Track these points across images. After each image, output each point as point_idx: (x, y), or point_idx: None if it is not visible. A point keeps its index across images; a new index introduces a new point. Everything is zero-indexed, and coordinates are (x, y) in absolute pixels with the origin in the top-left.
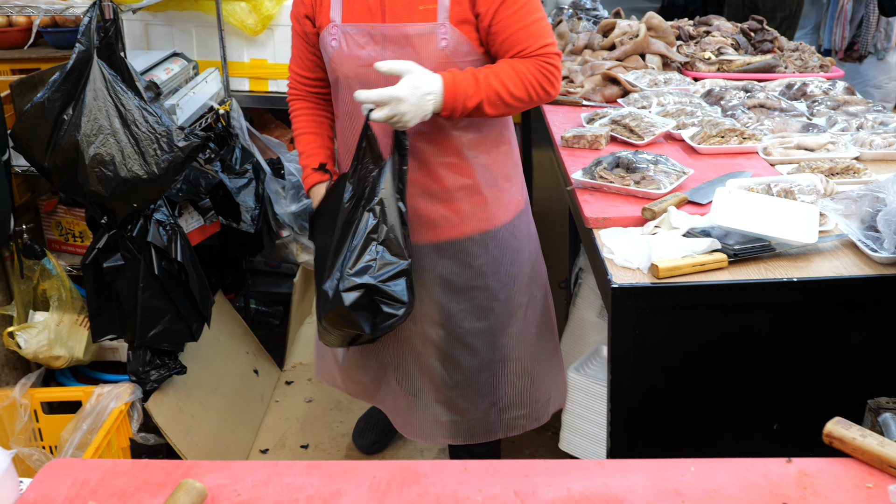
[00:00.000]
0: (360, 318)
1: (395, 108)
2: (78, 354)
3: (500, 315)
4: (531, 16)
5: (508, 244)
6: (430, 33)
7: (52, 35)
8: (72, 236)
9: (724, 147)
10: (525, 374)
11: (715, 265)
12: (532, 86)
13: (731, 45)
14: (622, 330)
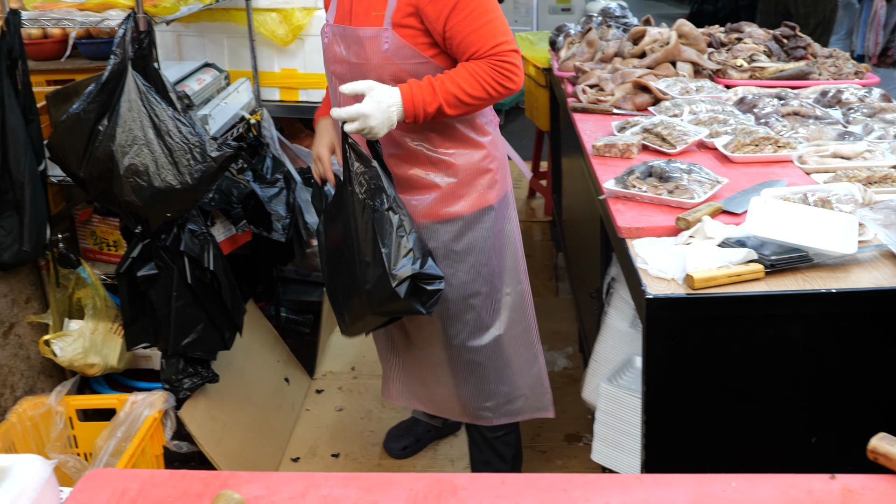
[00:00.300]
0: (414, 303)
1: (363, 122)
2: (112, 362)
3: (452, 300)
4: (481, 18)
5: (462, 235)
6: (376, 37)
7: (87, 46)
8: (106, 245)
9: (758, 156)
10: (479, 366)
11: (751, 276)
12: (488, 84)
13: (764, 52)
14: (657, 341)
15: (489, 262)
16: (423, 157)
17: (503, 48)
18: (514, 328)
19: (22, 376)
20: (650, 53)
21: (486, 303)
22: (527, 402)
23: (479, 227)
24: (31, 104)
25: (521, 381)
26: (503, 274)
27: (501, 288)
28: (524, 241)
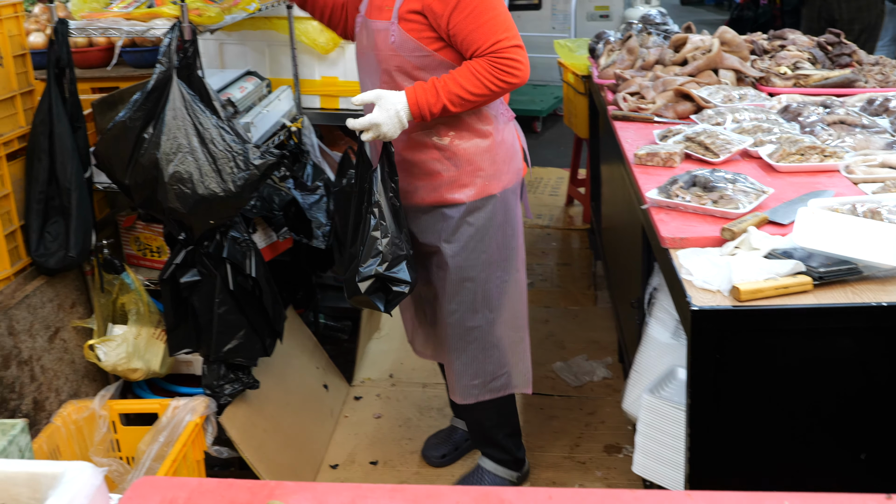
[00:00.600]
0: (375, 300)
1: (376, 130)
2: (154, 367)
3: (449, 281)
4: (483, 16)
5: (464, 220)
6: (385, 29)
7: (131, 54)
8: (149, 251)
9: (804, 165)
10: (470, 346)
11: (799, 288)
12: (490, 81)
13: (808, 60)
14: (702, 354)
15: (488, 250)
16: (430, 144)
17: (503, 45)
18: (506, 313)
19: (67, 380)
20: (692, 61)
21: (481, 287)
22: (509, 378)
23: (480, 214)
24: (78, 112)
25: (505, 360)
26: (503, 262)
27: (500, 275)
28: (562, 249)
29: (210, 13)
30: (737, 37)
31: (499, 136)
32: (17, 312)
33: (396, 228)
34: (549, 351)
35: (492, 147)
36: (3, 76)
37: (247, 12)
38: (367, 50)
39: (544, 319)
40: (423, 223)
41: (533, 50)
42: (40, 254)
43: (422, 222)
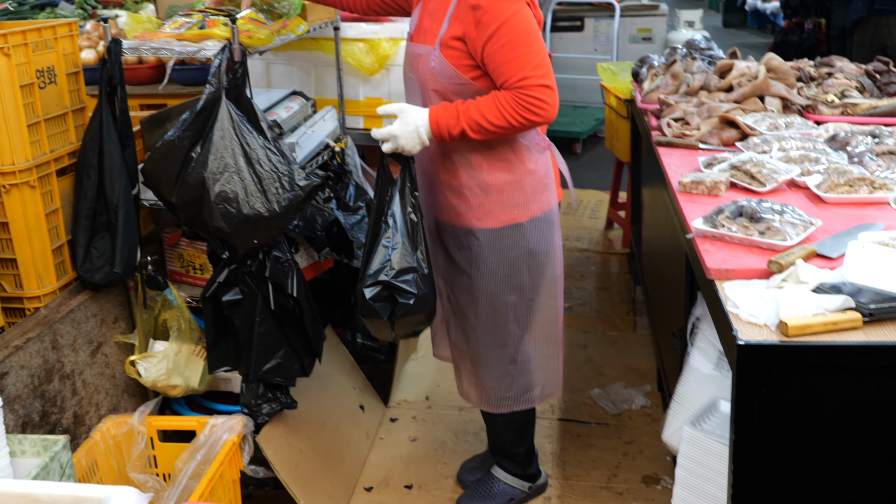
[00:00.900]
0: (379, 309)
1: (395, 141)
2: (193, 384)
3: (481, 304)
4: (515, 50)
5: (494, 247)
6: (427, 54)
7: (179, 72)
8: (192, 268)
9: (852, 197)
10: (502, 364)
11: (849, 325)
12: (510, 115)
13: (856, 88)
14: (748, 389)
15: (519, 276)
16: (462, 169)
17: (530, 82)
18: (541, 332)
19: (107, 395)
20: (737, 87)
21: (514, 310)
22: (542, 390)
23: (506, 241)
24: (128, 130)
25: (538, 374)
26: (538, 288)
27: (534, 300)
28: (601, 273)
29: (260, 35)
30: (783, 64)
31: (530, 166)
32: (61, 327)
33: (410, 243)
34: (587, 377)
35: (521, 178)
36: (56, 93)
37: (296, 34)
38: (409, 72)
39: (582, 345)
40: (456, 242)
41: (574, 71)
42: (86, 269)
43: (455, 241)
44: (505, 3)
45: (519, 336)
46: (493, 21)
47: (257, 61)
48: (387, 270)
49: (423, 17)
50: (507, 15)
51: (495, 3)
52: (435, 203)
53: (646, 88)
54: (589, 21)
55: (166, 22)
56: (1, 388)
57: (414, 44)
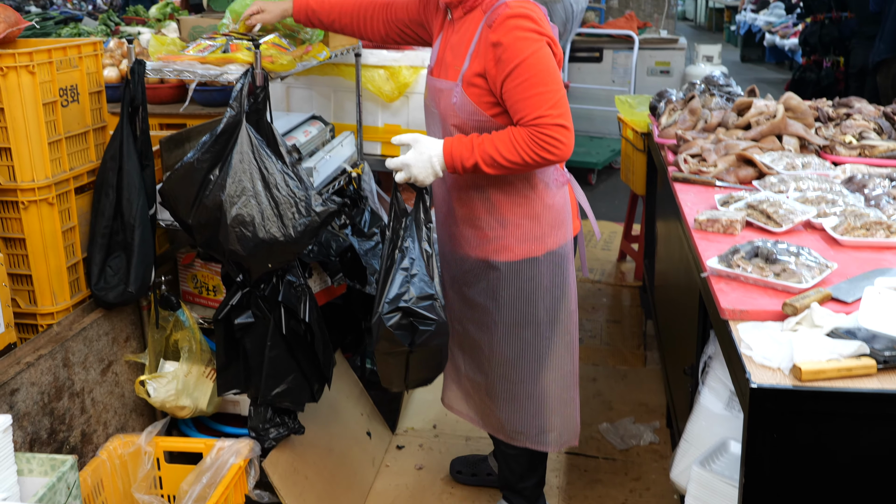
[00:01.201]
0: (401, 336)
1: (408, 171)
2: (202, 406)
3: (498, 338)
4: (533, 88)
5: (510, 280)
6: (449, 90)
7: (200, 93)
8: (206, 290)
9: (869, 241)
10: (518, 398)
11: (863, 371)
12: (524, 151)
13: (874, 130)
14: (759, 433)
15: (535, 311)
16: (479, 203)
17: (547, 120)
18: (556, 372)
19: (115, 413)
20: (755, 126)
21: (529, 345)
22: (558, 436)
23: (523, 275)
24: (148, 150)
25: (554, 418)
26: (553, 324)
27: (549, 335)
28: (613, 306)
29: (283, 60)
30: (802, 103)
31: (548, 201)
32: (73, 344)
33: (426, 271)
34: (595, 410)
35: (539, 212)
36: (78, 112)
37: (318, 60)
38: (430, 106)
39: (592, 377)
40: (472, 276)
41: (591, 102)
42: (100, 287)
43: (470, 274)
44: (525, 41)
45: (534, 372)
46: (513, 58)
47: (277, 85)
48: (406, 297)
49: (444, 50)
50: (527, 53)
51: (516, 41)
52: (451, 235)
53: (663, 123)
54: (607, 53)
55: (190, 44)
56: (11, 405)
57: (436, 78)
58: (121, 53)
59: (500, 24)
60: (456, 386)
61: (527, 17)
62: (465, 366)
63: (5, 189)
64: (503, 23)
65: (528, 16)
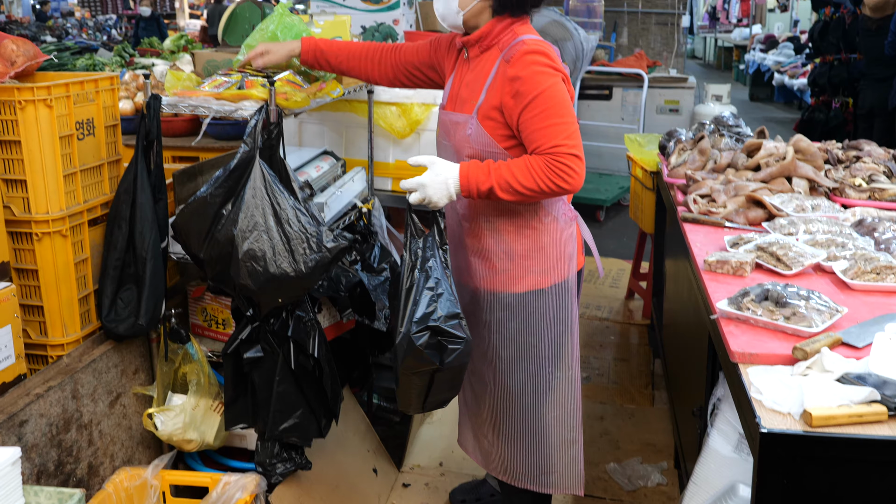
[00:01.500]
0: (430, 355)
1: (422, 192)
2: (209, 439)
3: (501, 370)
4: (549, 119)
5: (516, 312)
6: (465, 122)
7: (213, 127)
8: (215, 323)
9: (879, 285)
10: (520, 435)
11: (874, 418)
12: (540, 179)
13: (884, 173)
14: (769, 478)
15: (539, 344)
16: (489, 236)
17: (562, 150)
18: (557, 409)
19: (122, 446)
20: (765, 167)
21: (531, 380)
22: (559, 478)
23: (529, 308)
24: (162, 184)
25: (556, 459)
26: (555, 359)
27: (552, 371)
28: (620, 344)
29: (297, 98)
30: (811, 145)
31: (556, 235)
32: (82, 376)
33: (450, 289)
34: (602, 450)
35: (546, 246)
36: (93, 145)
37: (331, 97)
38: (443, 139)
39: (599, 416)
40: (478, 307)
41: (601, 139)
42: (111, 319)
43: (476, 305)
44: (543, 75)
45: (536, 407)
46: (531, 91)
47: (290, 120)
48: (434, 316)
49: (458, 87)
50: (545, 86)
51: (534, 75)
52: (458, 267)
53: (673, 162)
54: (617, 90)
55: (206, 80)
56: (19, 437)
57: (449, 112)
58: (136, 86)
59: (518, 60)
60: (466, 425)
61: (543, 54)
62: (469, 401)
63: (20, 220)
64: (521, 58)
65: (545, 52)
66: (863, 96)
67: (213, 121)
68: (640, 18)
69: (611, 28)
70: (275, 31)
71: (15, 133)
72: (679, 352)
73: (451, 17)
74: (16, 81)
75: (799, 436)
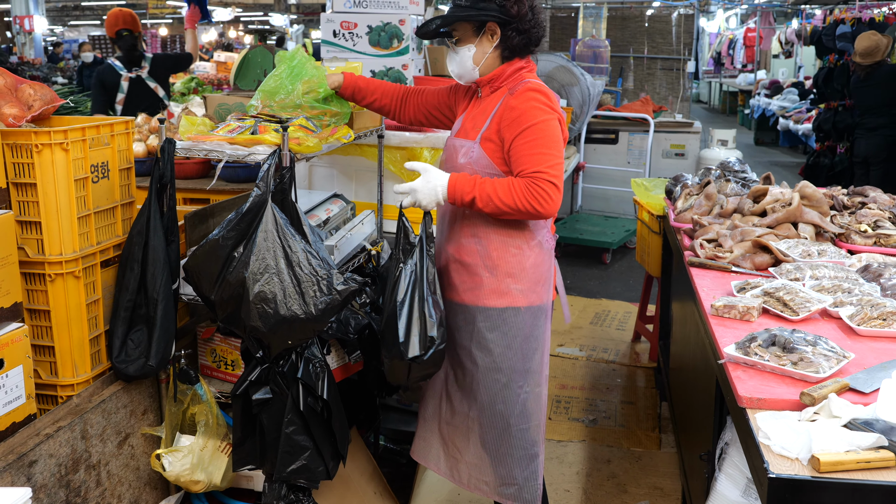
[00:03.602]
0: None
1: (413, 196)
2: (216, 481)
3: (476, 379)
4: (537, 148)
5: (494, 324)
6: (468, 147)
7: (225, 169)
8: (224, 364)
9: (886, 331)
10: (486, 444)
11: (881, 464)
12: (518, 198)
13: (889, 219)
14: None
15: (513, 357)
16: (475, 252)
17: (543, 176)
18: (522, 422)
19: (129, 487)
20: (771, 212)
21: (503, 391)
22: (519, 491)
23: (507, 322)
24: (174, 226)
25: (517, 472)
26: (526, 374)
27: (521, 385)
28: (627, 386)
29: (309, 143)
30: (817, 191)
31: (537, 259)
32: (92, 417)
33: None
34: (610, 494)
35: (527, 267)
36: (107, 188)
37: (342, 142)
38: (448, 162)
39: (606, 459)
40: (459, 320)
41: (607, 182)
42: (121, 360)
43: (458, 319)
44: (539, 110)
45: (502, 420)
46: (526, 121)
47: (300, 163)
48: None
49: (466, 121)
50: (540, 119)
51: (531, 108)
52: (444, 278)
53: (679, 207)
54: (623, 135)
55: (219, 125)
56: (28, 477)
57: (455, 139)
58: (148, 129)
59: (520, 94)
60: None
61: (544, 94)
62: (444, 410)
63: (33, 262)
64: (524, 93)
65: (546, 93)
66: (857, 145)
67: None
68: (646, 64)
69: (617, 73)
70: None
71: (31, 176)
72: (686, 395)
73: (468, 74)
74: (32, 125)
75: (807, 481)
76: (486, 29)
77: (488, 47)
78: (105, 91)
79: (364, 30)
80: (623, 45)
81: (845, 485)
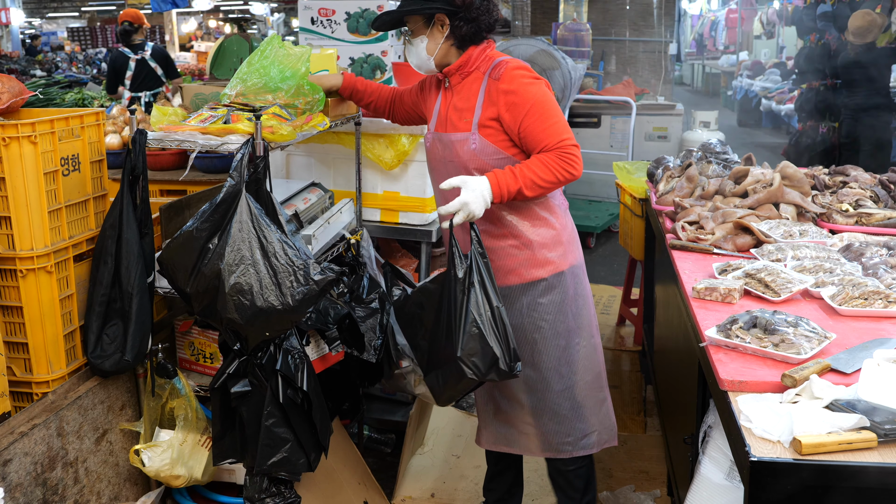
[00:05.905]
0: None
1: (466, 209)
2: (197, 475)
3: (537, 351)
4: (549, 120)
5: (541, 294)
6: (466, 139)
7: (200, 160)
8: (203, 357)
9: (867, 311)
10: (560, 408)
11: (863, 444)
12: (557, 171)
13: (870, 198)
14: None
15: (566, 321)
16: (508, 233)
17: (567, 143)
18: (587, 375)
19: (109, 483)
20: (752, 193)
21: (564, 354)
22: (598, 436)
23: (556, 288)
24: (148, 219)
25: (593, 419)
26: (579, 330)
27: (577, 341)
28: (612, 370)
29: (283, 131)
30: (798, 171)
31: (563, 222)
32: (67, 413)
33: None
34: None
35: (559, 232)
36: (78, 181)
37: (318, 130)
38: (444, 159)
39: None
40: (507, 300)
41: (590, 167)
42: (97, 355)
43: (506, 299)
44: (531, 86)
45: (570, 379)
46: (526, 102)
47: (277, 152)
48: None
49: (447, 110)
50: (537, 95)
51: (524, 87)
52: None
53: (661, 190)
54: (606, 118)
55: (192, 114)
56: (3, 476)
57: (444, 133)
58: (123, 120)
59: (507, 75)
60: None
61: (525, 69)
62: (501, 399)
63: (4, 257)
64: (510, 73)
65: (525, 67)
66: (845, 125)
67: (200, 154)
68: (628, 46)
69: (599, 56)
70: (268, 66)
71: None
72: (670, 379)
73: (425, 64)
74: (0, 118)
75: (789, 463)
76: (435, 20)
77: (440, 38)
78: (116, 72)
79: (342, 16)
80: (605, 28)
81: (826, 466)
